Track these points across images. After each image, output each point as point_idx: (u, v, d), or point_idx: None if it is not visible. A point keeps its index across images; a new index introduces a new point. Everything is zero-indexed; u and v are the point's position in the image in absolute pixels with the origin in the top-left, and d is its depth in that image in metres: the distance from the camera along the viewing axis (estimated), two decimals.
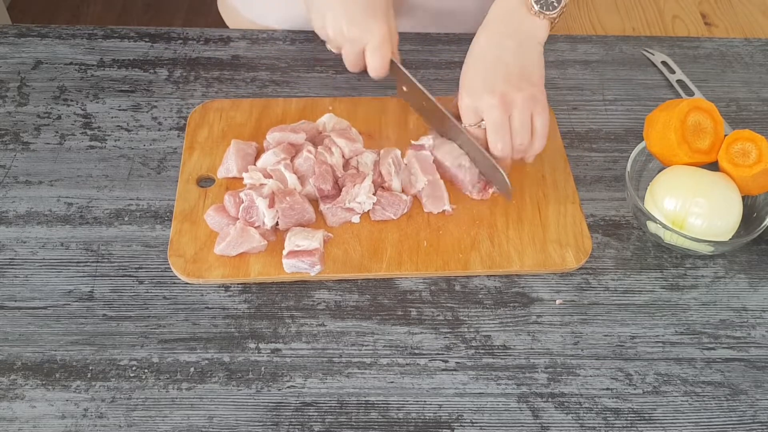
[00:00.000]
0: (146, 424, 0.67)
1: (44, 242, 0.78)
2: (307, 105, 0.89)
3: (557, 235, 0.79)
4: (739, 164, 0.77)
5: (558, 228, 0.80)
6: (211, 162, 0.83)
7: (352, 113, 0.88)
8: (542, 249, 0.78)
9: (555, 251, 0.78)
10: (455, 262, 0.77)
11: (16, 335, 0.72)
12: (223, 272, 0.75)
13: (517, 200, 0.82)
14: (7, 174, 0.83)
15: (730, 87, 0.95)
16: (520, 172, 0.84)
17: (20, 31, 0.96)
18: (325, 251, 0.77)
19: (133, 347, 0.71)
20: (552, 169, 0.85)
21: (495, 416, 0.69)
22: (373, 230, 0.79)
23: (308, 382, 0.70)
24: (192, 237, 0.77)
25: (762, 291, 0.78)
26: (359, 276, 0.76)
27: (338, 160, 0.81)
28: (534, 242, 0.79)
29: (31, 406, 0.68)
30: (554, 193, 0.83)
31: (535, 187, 0.83)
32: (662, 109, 0.80)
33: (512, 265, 0.77)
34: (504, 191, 0.80)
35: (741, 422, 0.69)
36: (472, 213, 0.81)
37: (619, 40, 1.01)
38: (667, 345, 0.74)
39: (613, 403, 0.70)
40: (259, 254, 0.76)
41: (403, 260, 0.77)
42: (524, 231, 0.79)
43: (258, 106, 0.89)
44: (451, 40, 0.99)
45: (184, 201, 0.80)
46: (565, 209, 0.81)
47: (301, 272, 0.75)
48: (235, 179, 0.81)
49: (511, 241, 0.79)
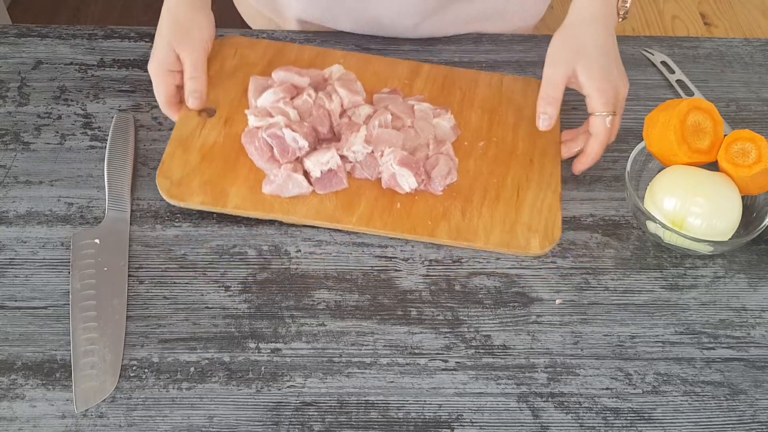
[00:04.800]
0: (146, 423, 0.67)
1: (44, 242, 0.78)
2: (320, 54, 0.91)
3: (529, 219, 0.79)
4: (738, 164, 0.77)
5: (532, 213, 0.80)
6: (215, 94, 0.86)
7: (362, 69, 0.90)
8: (510, 230, 0.78)
9: (522, 234, 0.78)
10: (423, 228, 0.78)
11: (16, 335, 0.72)
12: (202, 200, 0.78)
13: (498, 179, 0.82)
14: (7, 174, 0.83)
15: (729, 87, 0.95)
16: (510, 154, 0.84)
17: (20, 31, 0.96)
18: (302, 200, 0.79)
19: (133, 347, 0.71)
20: (542, 155, 0.85)
21: (495, 416, 0.69)
22: (353, 186, 0.80)
23: (308, 382, 0.70)
24: (182, 162, 0.80)
25: (761, 291, 0.78)
26: (327, 225, 0.78)
27: (336, 108, 0.83)
28: (504, 222, 0.79)
29: (32, 406, 0.68)
30: (537, 179, 0.83)
31: (521, 170, 0.83)
32: (662, 109, 0.80)
33: (477, 240, 0.78)
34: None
35: (740, 422, 0.69)
36: (452, 185, 0.81)
37: (619, 40, 1.01)
38: (666, 345, 0.74)
39: (613, 403, 0.70)
40: (240, 189, 0.79)
41: (373, 218, 0.78)
42: (498, 210, 0.80)
43: (273, 48, 0.92)
44: (451, 40, 0.99)
45: (183, 127, 0.83)
46: (544, 196, 0.81)
47: (279, 195, 0.78)
48: (238, 113, 0.84)
49: (482, 217, 0.79)
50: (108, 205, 0.80)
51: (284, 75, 0.85)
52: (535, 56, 0.97)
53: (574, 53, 0.81)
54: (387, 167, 0.80)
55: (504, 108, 0.89)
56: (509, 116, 0.88)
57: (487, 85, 0.91)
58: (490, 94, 0.90)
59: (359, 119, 0.83)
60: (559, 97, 0.81)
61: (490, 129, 0.87)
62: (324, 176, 0.80)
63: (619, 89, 0.81)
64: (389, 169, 0.80)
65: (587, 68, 0.80)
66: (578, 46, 0.81)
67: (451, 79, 0.91)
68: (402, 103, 0.86)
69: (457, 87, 0.90)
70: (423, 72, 0.92)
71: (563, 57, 0.81)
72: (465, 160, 0.84)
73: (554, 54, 0.82)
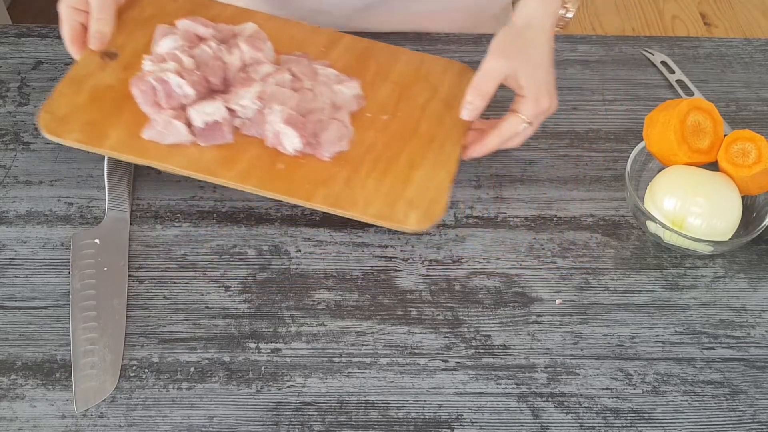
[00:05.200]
0: (146, 423, 0.67)
1: (44, 242, 0.78)
2: (243, 13, 0.88)
3: (414, 195, 0.77)
4: (738, 164, 0.77)
5: (418, 189, 0.78)
6: (123, 40, 0.83)
7: (280, 32, 0.86)
8: (392, 204, 0.76)
9: (402, 209, 0.76)
10: (300, 190, 0.76)
11: (16, 335, 0.72)
12: (79, 137, 0.76)
13: (393, 154, 0.80)
14: (7, 174, 0.83)
15: (729, 87, 0.95)
16: (413, 131, 0.82)
17: (20, 31, 0.96)
18: (181, 149, 0.77)
19: (133, 347, 0.71)
20: (445, 136, 0.82)
21: (495, 416, 0.69)
22: (240, 142, 0.79)
23: (308, 382, 0.70)
24: (69, 100, 0.78)
25: (761, 291, 0.78)
26: (202, 177, 0.76)
27: (235, 62, 0.80)
28: (388, 196, 0.77)
29: (32, 406, 0.68)
30: (434, 158, 0.80)
31: (419, 148, 0.81)
32: (662, 109, 0.80)
33: (354, 209, 0.76)
34: None
35: (740, 422, 0.69)
36: (343, 154, 0.79)
37: (619, 40, 1.01)
38: (666, 345, 0.74)
39: (613, 403, 0.70)
40: (120, 132, 0.77)
41: (251, 175, 0.76)
42: (384, 183, 0.78)
43: (196, 2, 0.88)
44: (450, 40, 0.99)
45: (81, 67, 0.80)
46: (436, 175, 0.79)
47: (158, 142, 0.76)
48: (139, 60, 0.81)
49: (366, 188, 0.77)
50: (108, 205, 0.80)
51: (189, 24, 0.82)
52: None
53: (521, 53, 0.79)
54: (272, 125, 0.77)
55: (418, 86, 0.86)
56: (422, 95, 0.86)
57: (406, 62, 0.88)
58: (406, 71, 0.87)
59: (257, 76, 0.80)
60: (490, 92, 0.78)
61: (398, 104, 0.84)
62: (208, 128, 0.77)
63: (551, 107, 0.80)
64: (274, 127, 0.77)
65: (532, 73, 0.78)
66: (526, 47, 0.79)
67: (370, 51, 0.88)
68: (306, 66, 0.83)
69: (374, 60, 0.88)
70: (343, 42, 0.89)
71: (509, 53, 0.79)
72: (364, 131, 0.81)
73: (499, 48, 0.79)
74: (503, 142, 0.80)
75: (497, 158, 0.87)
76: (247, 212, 0.81)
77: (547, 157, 0.88)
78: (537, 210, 0.83)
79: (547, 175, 0.86)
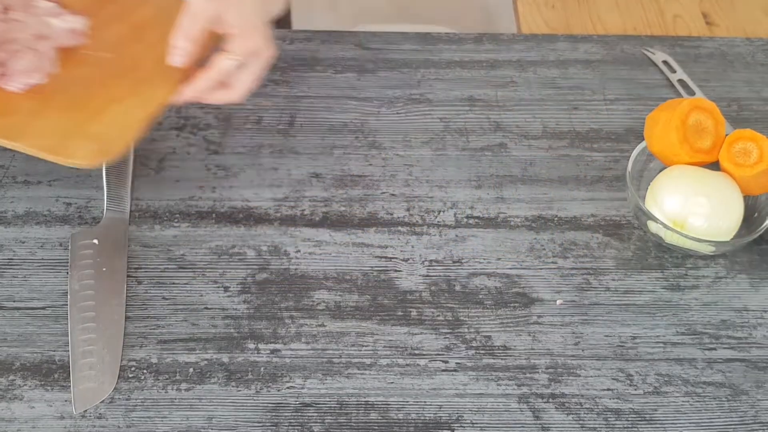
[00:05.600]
0: (145, 424, 0.67)
1: (43, 242, 0.77)
2: None
3: (97, 131, 0.72)
4: (740, 164, 0.77)
5: (106, 126, 0.72)
6: None
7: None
8: (68, 137, 0.71)
9: (78, 144, 0.71)
10: None
11: (14, 335, 0.71)
12: None
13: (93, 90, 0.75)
14: (5, 174, 0.83)
15: (731, 86, 0.95)
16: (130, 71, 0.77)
17: None
18: None
19: (132, 347, 0.71)
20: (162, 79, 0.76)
21: (495, 417, 0.69)
22: None
23: (308, 383, 0.70)
24: None
25: (763, 291, 0.78)
26: None
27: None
28: (67, 129, 0.72)
29: (30, 407, 0.67)
30: (138, 98, 0.75)
31: (128, 87, 0.75)
32: (663, 108, 0.80)
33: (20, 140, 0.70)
34: None
35: (742, 423, 0.69)
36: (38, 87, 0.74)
37: (620, 40, 1.01)
38: (668, 345, 0.74)
39: (614, 404, 0.70)
40: None
41: None
42: (69, 117, 0.73)
43: None
44: (451, 40, 0.98)
45: None
46: (131, 113, 0.74)
47: None
48: None
49: (46, 120, 0.72)
50: (107, 205, 0.79)
51: None
52: (536, 56, 0.97)
53: None
54: None
55: (158, 29, 0.80)
56: (156, 36, 0.80)
57: (155, 6, 0.83)
58: (150, 15, 0.83)
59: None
60: (196, 34, 0.74)
61: (127, 45, 0.80)
62: None
63: (265, 49, 0.74)
64: None
65: (239, 10, 0.73)
66: None
67: None
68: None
69: (119, 3, 0.83)
70: None
71: None
72: (74, 67, 0.77)
73: None
74: (217, 85, 0.75)
75: (498, 158, 0.86)
76: (246, 212, 0.81)
77: (548, 157, 0.87)
78: (538, 210, 0.83)
79: (548, 175, 0.86)
